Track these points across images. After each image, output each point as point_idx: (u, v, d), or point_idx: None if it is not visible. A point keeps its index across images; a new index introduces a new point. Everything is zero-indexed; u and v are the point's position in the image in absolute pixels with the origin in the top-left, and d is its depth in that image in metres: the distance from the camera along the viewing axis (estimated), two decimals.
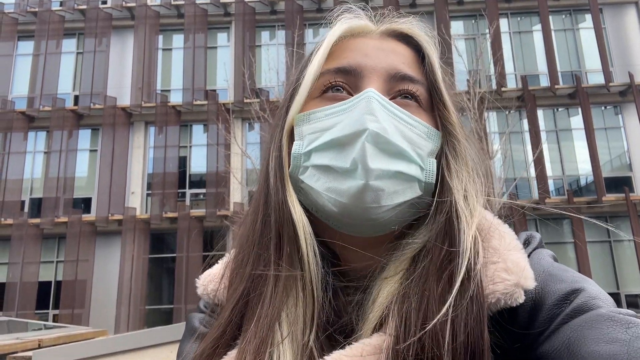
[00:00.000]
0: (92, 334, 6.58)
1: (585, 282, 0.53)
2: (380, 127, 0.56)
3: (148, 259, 14.97)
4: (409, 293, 0.53)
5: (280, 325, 0.56)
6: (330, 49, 0.65)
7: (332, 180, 0.58)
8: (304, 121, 0.63)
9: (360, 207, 0.56)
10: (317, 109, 0.62)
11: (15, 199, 15.24)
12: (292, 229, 0.59)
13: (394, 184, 0.57)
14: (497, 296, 0.51)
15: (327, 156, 0.59)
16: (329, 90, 0.63)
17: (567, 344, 0.47)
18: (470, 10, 16.19)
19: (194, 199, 15.81)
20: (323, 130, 0.60)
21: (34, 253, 14.78)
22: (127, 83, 15.88)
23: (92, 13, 16.35)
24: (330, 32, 0.66)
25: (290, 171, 0.62)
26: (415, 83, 0.63)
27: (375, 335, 0.53)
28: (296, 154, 0.61)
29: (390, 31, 0.68)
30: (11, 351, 4.59)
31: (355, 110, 0.58)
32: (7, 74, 16.37)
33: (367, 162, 0.55)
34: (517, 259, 0.54)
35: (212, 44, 16.84)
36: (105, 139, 15.58)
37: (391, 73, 0.62)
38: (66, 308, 14.20)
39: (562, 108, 15.91)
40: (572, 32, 16.54)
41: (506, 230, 0.60)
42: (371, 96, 0.58)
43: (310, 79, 0.64)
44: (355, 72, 0.62)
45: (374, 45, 0.65)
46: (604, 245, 14.76)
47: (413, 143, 0.59)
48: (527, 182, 14.94)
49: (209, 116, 15.28)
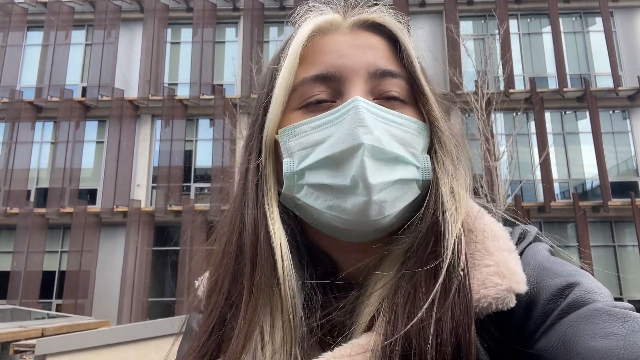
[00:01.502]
0: (95, 324, 6.62)
1: (581, 275, 0.52)
2: (374, 139, 0.54)
3: (152, 252, 15.02)
4: (398, 291, 0.53)
5: (262, 338, 0.55)
6: (301, 53, 0.61)
7: (333, 198, 0.56)
8: (289, 136, 0.59)
9: (366, 221, 0.55)
10: (303, 121, 0.59)
11: (22, 188, 15.32)
12: (270, 255, 0.57)
13: (394, 191, 0.56)
14: (489, 300, 0.51)
15: (324, 174, 0.57)
16: (310, 101, 0.60)
17: (563, 340, 0.46)
18: (480, 10, 16.09)
19: (199, 193, 15.84)
20: (313, 146, 0.57)
21: (38, 243, 14.86)
22: (135, 76, 15.91)
23: (101, 5, 16.38)
24: (297, 34, 0.62)
25: (284, 189, 0.60)
26: (396, 77, 0.61)
27: (364, 335, 0.53)
28: (288, 173, 0.59)
29: (361, 22, 0.64)
30: (15, 339, 4.62)
31: (344, 122, 0.56)
32: (15, 63, 16.43)
33: (368, 178, 0.53)
34: (509, 262, 0.54)
35: (220, 39, 16.84)
36: (111, 131, 15.63)
37: (371, 71, 0.60)
38: (70, 298, 14.28)
39: (570, 111, 15.81)
40: (581, 34, 16.42)
41: (499, 229, 0.60)
42: (359, 105, 0.55)
43: (283, 91, 0.60)
44: (336, 77, 0.59)
45: (347, 42, 0.62)
46: (608, 250, 14.69)
47: (407, 144, 0.58)
48: (532, 184, 14.88)
49: (215, 111, 15.28)
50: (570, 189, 15.09)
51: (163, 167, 15.50)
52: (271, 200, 0.60)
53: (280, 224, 0.59)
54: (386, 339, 0.50)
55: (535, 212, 14.46)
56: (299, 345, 0.55)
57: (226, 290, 0.59)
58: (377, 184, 0.54)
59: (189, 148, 16.04)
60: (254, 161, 0.62)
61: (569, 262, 0.57)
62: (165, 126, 15.73)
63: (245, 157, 0.65)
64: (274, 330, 0.56)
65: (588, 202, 14.51)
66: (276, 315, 0.56)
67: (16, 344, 4.26)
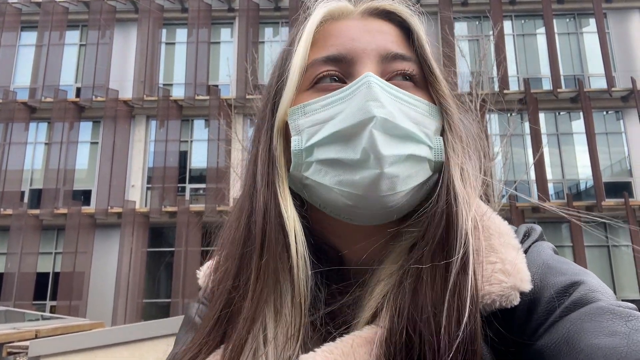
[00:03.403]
0: (89, 325, 6.59)
1: (585, 274, 0.52)
2: (387, 112, 0.54)
3: (146, 253, 14.97)
4: (405, 284, 0.53)
5: (264, 329, 0.55)
6: (313, 38, 0.62)
7: (343, 173, 0.55)
8: (299, 114, 0.59)
9: (376, 196, 0.55)
10: (312, 100, 0.59)
11: (15, 189, 15.23)
12: (282, 237, 0.56)
13: (407, 168, 0.55)
14: (493, 297, 0.51)
15: (333, 149, 0.56)
16: (320, 81, 0.60)
17: (566, 337, 0.46)
18: (474, 11, 16.15)
19: (194, 194, 15.80)
20: (323, 122, 0.57)
21: (32, 244, 14.78)
22: (130, 76, 15.86)
23: (95, 5, 16.32)
24: (310, 19, 0.63)
25: (292, 169, 0.59)
26: (407, 61, 0.61)
27: (366, 327, 0.53)
28: (296, 150, 0.58)
29: (372, 9, 0.65)
30: (8, 341, 4.59)
31: (356, 97, 0.55)
32: (9, 64, 16.34)
33: (379, 149, 0.53)
34: (515, 259, 0.54)
35: (215, 39, 16.81)
36: (106, 131, 15.57)
37: (382, 54, 0.60)
38: (64, 299, 14.21)
39: (563, 112, 15.90)
40: (575, 36, 16.52)
41: (504, 226, 0.60)
42: (371, 81, 0.55)
43: (297, 71, 0.60)
44: (347, 59, 0.60)
45: (358, 27, 0.62)
46: (602, 250, 14.77)
47: (419, 123, 0.57)
48: (527, 185, 14.94)
49: (210, 111, 15.26)
50: (564, 190, 15.17)
51: (158, 167, 15.45)
52: (283, 181, 0.60)
53: (292, 205, 0.59)
54: (390, 332, 0.50)
55: (529, 212, 14.52)
56: (304, 335, 0.55)
57: (233, 275, 0.59)
58: (389, 155, 0.53)
59: (184, 149, 15.99)
60: (266, 144, 0.62)
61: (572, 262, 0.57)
62: (160, 127, 15.68)
63: (254, 143, 0.64)
64: (280, 316, 0.55)
65: (582, 202, 14.59)
66: (285, 300, 0.55)
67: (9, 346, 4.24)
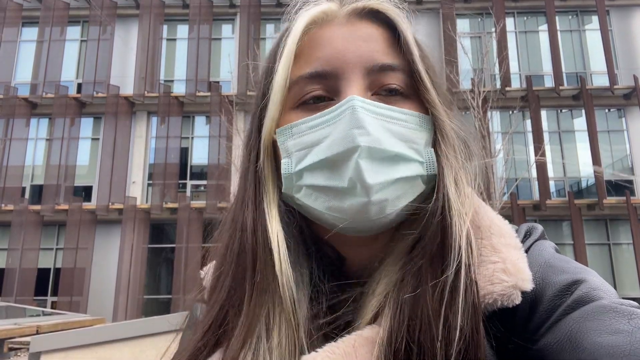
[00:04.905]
0: (90, 321, 6.61)
1: (586, 273, 0.52)
2: (372, 140, 0.53)
3: (147, 249, 15.00)
4: (405, 285, 0.53)
5: (261, 338, 0.55)
6: (297, 48, 0.59)
7: (332, 199, 0.55)
8: (287, 136, 0.58)
9: (365, 221, 0.55)
10: (299, 121, 0.58)
11: (16, 185, 15.26)
12: (270, 259, 0.57)
13: (396, 189, 0.55)
14: (495, 297, 0.51)
15: (322, 176, 0.56)
16: (306, 98, 0.58)
17: (569, 336, 0.46)
18: (476, 8, 16.10)
19: (195, 190, 15.82)
20: (310, 146, 0.57)
21: (33, 240, 14.81)
22: (131, 72, 15.86)
23: (97, 1, 16.29)
24: (292, 31, 0.60)
25: (284, 190, 0.60)
26: (395, 71, 0.59)
27: (368, 328, 0.53)
28: (287, 174, 0.58)
29: (358, 10, 0.61)
30: (9, 336, 4.60)
31: (340, 122, 0.54)
32: (10, 60, 16.34)
33: (365, 179, 0.52)
34: (516, 259, 0.54)
35: (216, 36, 16.79)
36: (107, 127, 15.57)
37: (368, 67, 0.58)
38: (65, 295, 14.25)
39: (565, 109, 15.87)
40: (578, 33, 16.47)
41: (505, 226, 0.59)
42: (355, 105, 0.54)
43: (279, 92, 0.59)
44: (331, 75, 0.58)
45: (344, 35, 0.59)
46: (603, 248, 14.77)
47: (408, 140, 0.56)
48: (528, 182, 14.93)
49: (211, 108, 15.25)
50: (566, 187, 15.15)
51: (159, 164, 15.46)
52: (270, 202, 0.60)
53: (279, 226, 0.59)
54: (390, 333, 0.50)
55: (530, 210, 14.51)
56: (305, 338, 0.55)
57: (227, 288, 0.59)
58: (376, 183, 0.53)
59: (185, 145, 16.00)
60: (253, 162, 0.62)
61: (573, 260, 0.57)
62: (161, 123, 15.68)
63: (245, 155, 0.64)
64: (275, 330, 0.55)
65: (583, 200, 14.58)
66: (278, 316, 0.56)
67: (10, 342, 4.25)
